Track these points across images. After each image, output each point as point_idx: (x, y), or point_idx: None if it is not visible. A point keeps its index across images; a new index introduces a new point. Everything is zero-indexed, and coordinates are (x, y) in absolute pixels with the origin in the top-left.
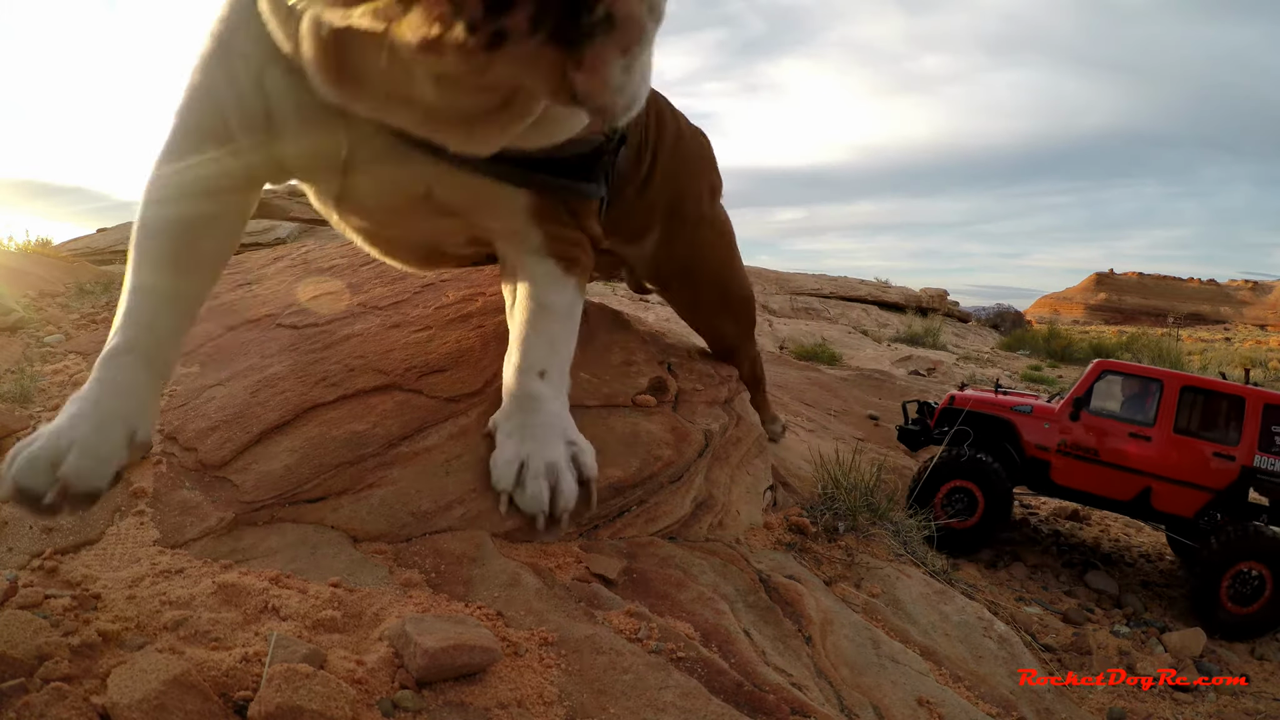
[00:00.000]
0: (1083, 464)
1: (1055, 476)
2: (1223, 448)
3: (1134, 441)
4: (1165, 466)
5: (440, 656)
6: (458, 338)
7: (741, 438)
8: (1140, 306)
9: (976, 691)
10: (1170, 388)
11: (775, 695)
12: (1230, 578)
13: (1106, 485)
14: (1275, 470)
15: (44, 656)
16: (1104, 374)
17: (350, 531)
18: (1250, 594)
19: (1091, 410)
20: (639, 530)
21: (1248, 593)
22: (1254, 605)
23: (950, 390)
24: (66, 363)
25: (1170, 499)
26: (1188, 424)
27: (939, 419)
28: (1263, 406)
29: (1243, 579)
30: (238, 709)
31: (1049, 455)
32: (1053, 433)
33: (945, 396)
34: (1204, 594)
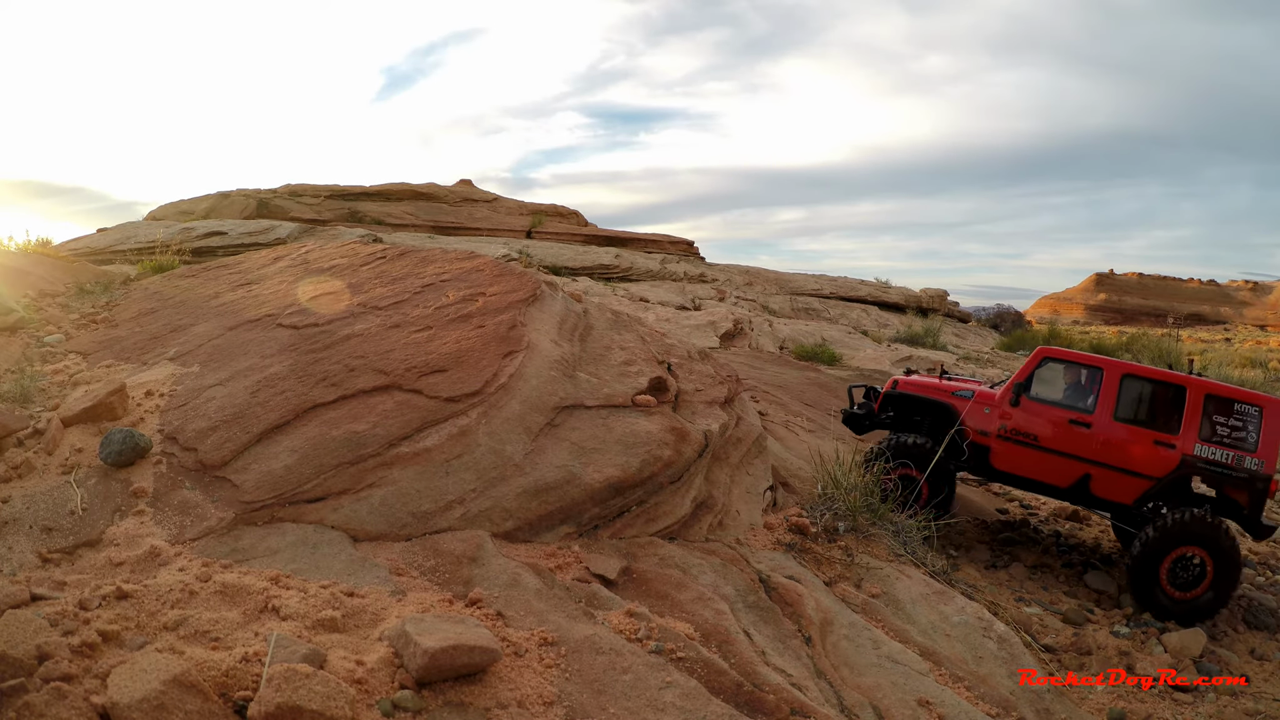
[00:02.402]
0: (1022, 449)
1: (995, 461)
2: (1164, 436)
3: (1074, 428)
4: (1105, 453)
5: (440, 656)
6: (458, 338)
7: (741, 438)
8: (1140, 307)
9: (976, 691)
10: (1111, 376)
11: (775, 695)
12: (1170, 562)
13: (1046, 471)
14: (1216, 459)
15: (44, 656)
16: (1045, 360)
17: (350, 531)
18: (1191, 580)
19: (1032, 396)
20: (639, 530)
21: (1188, 578)
22: (1195, 591)
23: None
24: (66, 363)
25: (1109, 486)
26: (1129, 412)
27: (882, 403)
28: (1204, 396)
29: (1184, 564)
30: (238, 709)
31: (989, 440)
32: (993, 418)
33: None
34: (1143, 578)
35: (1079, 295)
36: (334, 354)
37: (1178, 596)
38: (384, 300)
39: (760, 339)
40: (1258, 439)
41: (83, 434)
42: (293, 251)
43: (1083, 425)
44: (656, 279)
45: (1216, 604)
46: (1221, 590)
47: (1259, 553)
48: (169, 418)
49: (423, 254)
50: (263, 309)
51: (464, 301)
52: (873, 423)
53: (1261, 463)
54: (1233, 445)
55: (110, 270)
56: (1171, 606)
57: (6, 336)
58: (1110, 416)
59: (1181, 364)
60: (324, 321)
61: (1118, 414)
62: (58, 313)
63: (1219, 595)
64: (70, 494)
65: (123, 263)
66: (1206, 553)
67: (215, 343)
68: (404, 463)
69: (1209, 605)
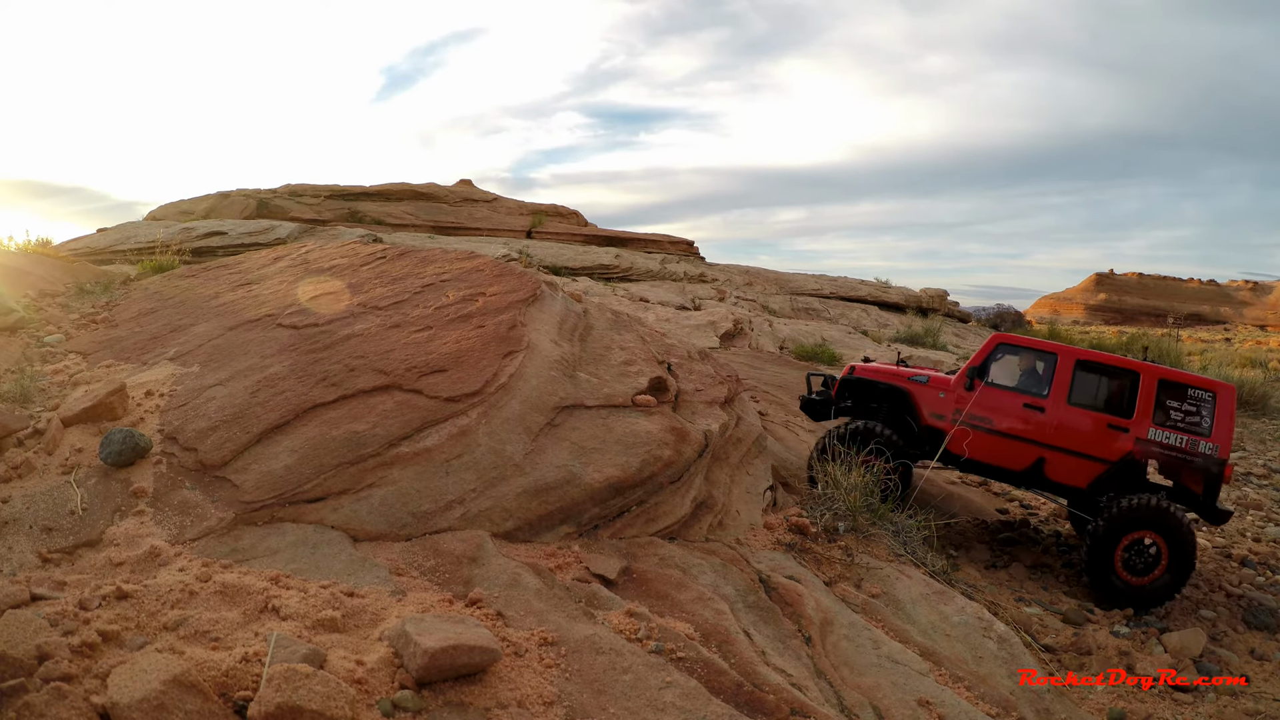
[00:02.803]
0: (977, 434)
1: (951, 446)
2: (1117, 420)
3: (1028, 412)
4: (1058, 437)
5: (440, 656)
6: (458, 338)
7: (741, 438)
8: (1140, 307)
9: (976, 691)
10: (1065, 361)
11: (775, 695)
12: (1124, 547)
13: (1000, 455)
14: (1170, 443)
15: (44, 656)
16: (999, 347)
17: (350, 531)
18: (1146, 565)
19: (987, 382)
20: (639, 530)
21: (1143, 564)
22: (1149, 576)
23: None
24: (66, 363)
25: (1063, 469)
26: (1082, 397)
27: (839, 390)
28: (1157, 382)
29: (1138, 549)
30: (238, 709)
31: (944, 425)
32: (948, 403)
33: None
34: (1098, 564)
35: (1079, 295)
36: (334, 354)
37: (1132, 582)
38: (384, 300)
39: (760, 339)
40: (1211, 424)
41: (83, 434)
42: (293, 251)
43: (1036, 409)
44: (656, 279)
45: (1171, 589)
46: (1176, 575)
47: (1259, 553)
48: (169, 418)
49: (423, 254)
50: (263, 309)
51: (464, 301)
52: (830, 410)
53: (1216, 447)
54: (1187, 430)
55: (110, 270)
56: (1126, 591)
57: (6, 336)
58: (1064, 401)
59: (1184, 364)
60: (324, 321)
61: (1071, 399)
62: (58, 313)
63: (1174, 580)
64: (70, 494)
65: (123, 263)
66: (1161, 537)
67: (215, 343)
68: (404, 463)
69: (1163, 590)
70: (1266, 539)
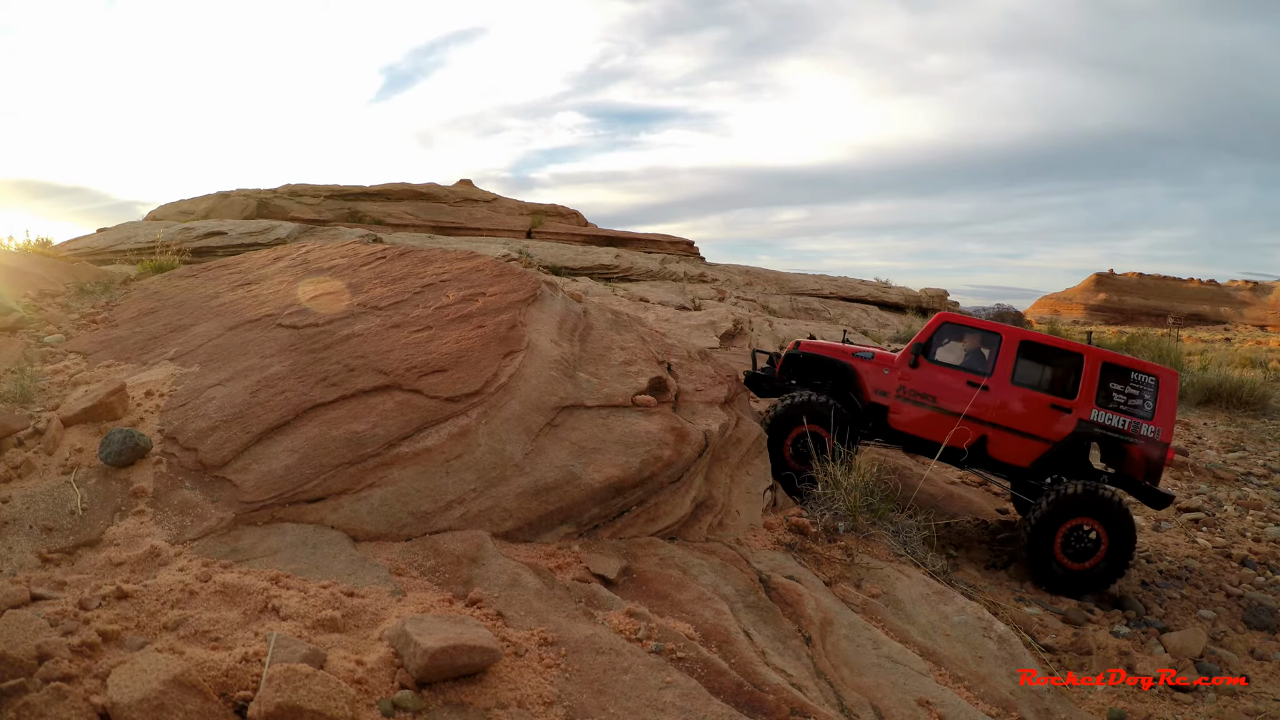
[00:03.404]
0: (920, 410)
1: (893, 421)
2: (1061, 400)
3: (971, 390)
4: (1001, 416)
5: (440, 656)
6: (458, 338)
7: (741, 438)
8: (1140, 307)
9: (976, 691)
10: (1009, 341)
11: (775, 695)
12: (1065, 533)
13: (943, 432)
14: (1113, 425)
15: (44, 656)
16: (944, 325)
17: (350, 531)
18: (1085, 550)
19: (931, 359)
20: (639, 530)
21: (1082, 549)
22: (1089, 561)
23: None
24: (66, 363)
25: (1006, 448)
26: (1026, 377)
27: (784, 365)
28: (1101, 364)
29: (1079, 535)
30: (238, 709)
31: (888, 400)
32: (892, 379)
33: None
34: (1038, 549)
35: (1079, 295)
36: (334, 354)
37: (1072, 567)
38: (384, 300)
39: (760, 339)
40: (1154, 408)
41: (83, 434)
42: (293, 251)
43: (980, 388)
44: (656, 279)
45: (1110, 575)
46: (1115, 561)
47: (1259, 553)
48: (169, 418)
49: (423, 254)
50: (263, 309)
51: (464, 301)
52: (774, 385)
53: (1158, 430)
54: (1129, 412)
55: (110, 270)
56: (1065, 577)
57: (6, 336)
58: (1008, 380)
59: (1184, 364)
60: (324, 321)
61: (1015, 378)
62: (58, 313)
63: (1112, 566)
64: (70, 494)
65: (123, 263)
66: (1100, 524)
67: (215, 343)
68: (404, 463)
69: (1102, 576)
70: (1266, 539)
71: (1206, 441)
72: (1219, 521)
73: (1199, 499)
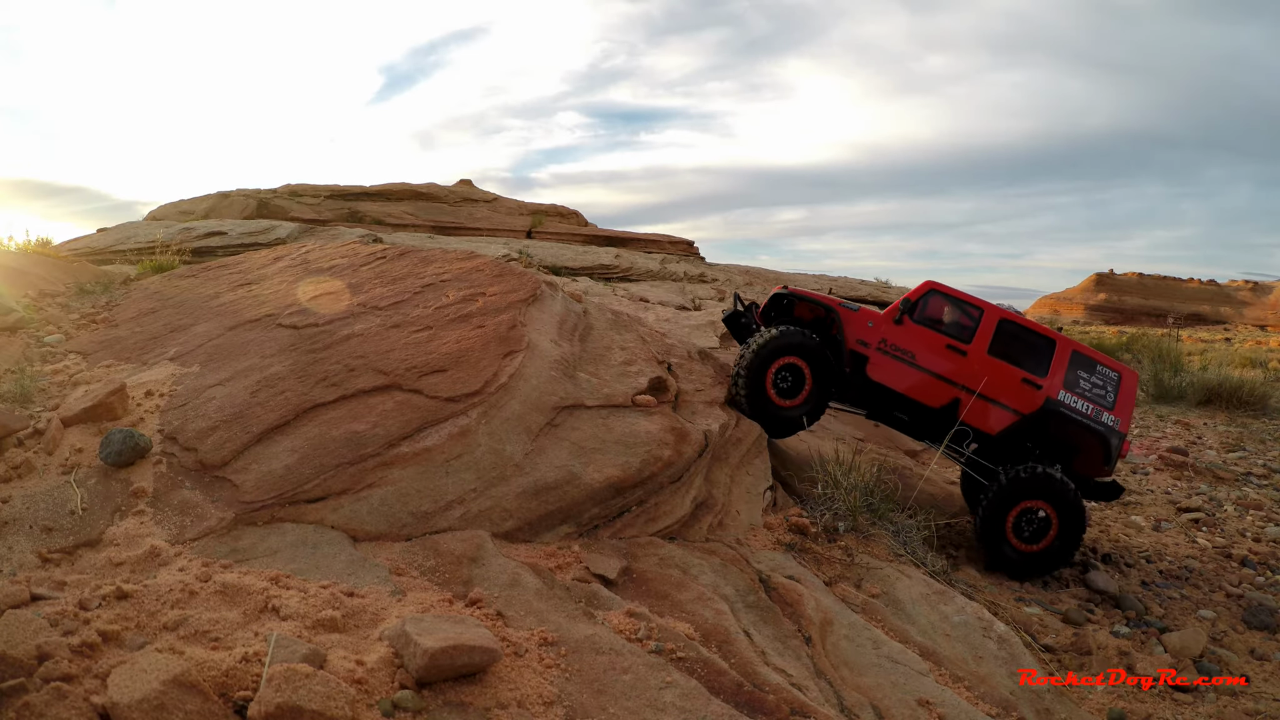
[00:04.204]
0: (899, 364)
1: (871, 371)
2: (1032, 376)
3: (950, 354)
4: (976, 381)
5: (440, 656)
6: (458, 338)
7: (741, 438)
8: (1140, 307)
9: (976, 691)
10: (990, 317)
11: (775, 695)
12: (1016, 515)
13: (918, 388)
14: (1077, 408)
15: (44, 656)
16: (932, 291)
17: (350, 531)
18: (1035, 533)
19: (915, 319)
20: (639, 530)
21: (1033, 532)
22: (1040, 544)
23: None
24: (66, 363)
25: (977, 413)
26: (1002, 351)
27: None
28: (1071, 352)
29: (1030, 517)
30: (238, 709)
31: (868, 351)
32: (876, 331)
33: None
34: (990, 530)
35: (1079, 295)
36: (334, 354)
37: (1022, 549)
38: (384, 300)
39: None
40: (1115, 400)
41: (83, 434)
42: (293, 251)
43: (959, 352)
44: (656, 279)
45: (1060, 558)
46: (1065, 544)
47: (1259, 553)
48: (169, 418)
49: (423, 254)
50: (263, 309)
51: (464, 301)
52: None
53: (1118, 420)
54: (1093, 400)
55: (110, 270)
56: (1016, 559)
57: (6, 336)
58: (985, 351)
59: (1182, 362)
60: (324, 321)
61: (992, 349)
62: (58, 313)
63: (1063, 549)
64: (70, 494)
65: (123, 263)
66: (1051, 507)
67: (215, 343)
68: (404, 463)
69: (1052, 558)
70: (1266, 539)
71: (1206, 441)
72: (1219, 521)
73: (1199, 499)
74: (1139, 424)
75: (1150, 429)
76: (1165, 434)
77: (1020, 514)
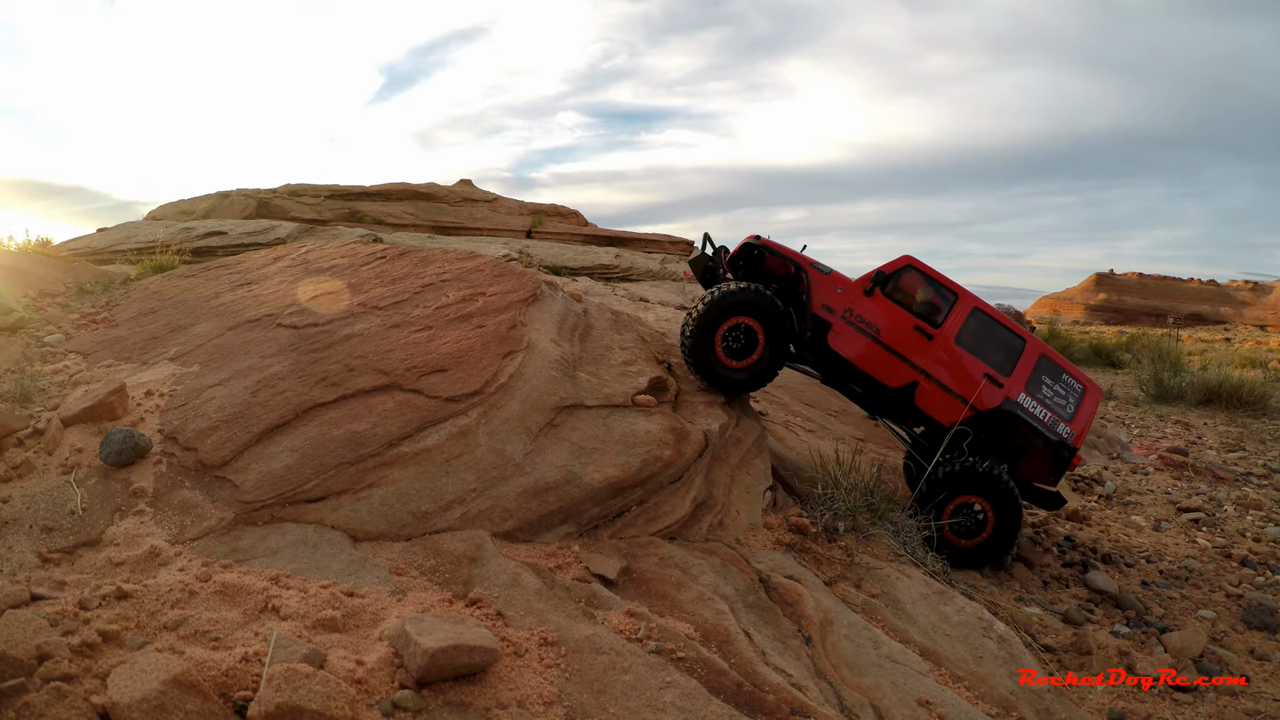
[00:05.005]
0: (862, 337)
1: (832, 340)
2: (995, 374)
3: (916, 335)
4: (937, 368)
5: (440, 656)
6: (458, 338)
7: (741, 438)
8: (1140, 307)
9: (976, 691)
10: (963, 305)
11: (775, 695)
12: (952, 510)
13: (878, 365)
14: (1033, 412)
15: (44, 656)
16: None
17: (350, 531)
18: (972, 528)
19: (886, 293)
20: (639, 530)
21: (970, 527)
22: (976, 539)
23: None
24: (66, 363)
25: (933, 400)
26: (970, 342)
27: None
28: (1040, 356)
29: (966, 512)
30: (238, 709)
31: (833, 318)
32: (843, 299)
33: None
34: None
35: (1079, 295)
36: (334, 354)
37: (957, 544)
38: (384, 300)
39: None
40: (1074, 413)
41: (83, 434)
42: (293, 251)
43: (925, 335)
44: (656, 279)
45: (991, 556)
46: (1001, 540)
47: (1259, 553)
48: (169, 418)
49: (423, 254)
50: (263, 309)
51: (464, 301)
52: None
53: (1073, 433)
54: (1052, 409)
55: (110, 270)
56: (951, 553)
57: (6, 336)
58: (953, 338)
59: (1182, 362)
60: (324, 321)
61: (959, 339)
62: (58, 313)
63: (998, 545)
64: (70, 494)
65: (123, 263)
66: (988, 502)
67: (215, 343)
68: (404, 463)
69: (986, 554)
70: (1266, 539)
71: (1206, 441)
72: (1219, 521)
73: (1199, 499)
74: (1139, 424)
75: (1150, 429)
76: (1165, 434)
77: (956, 509)
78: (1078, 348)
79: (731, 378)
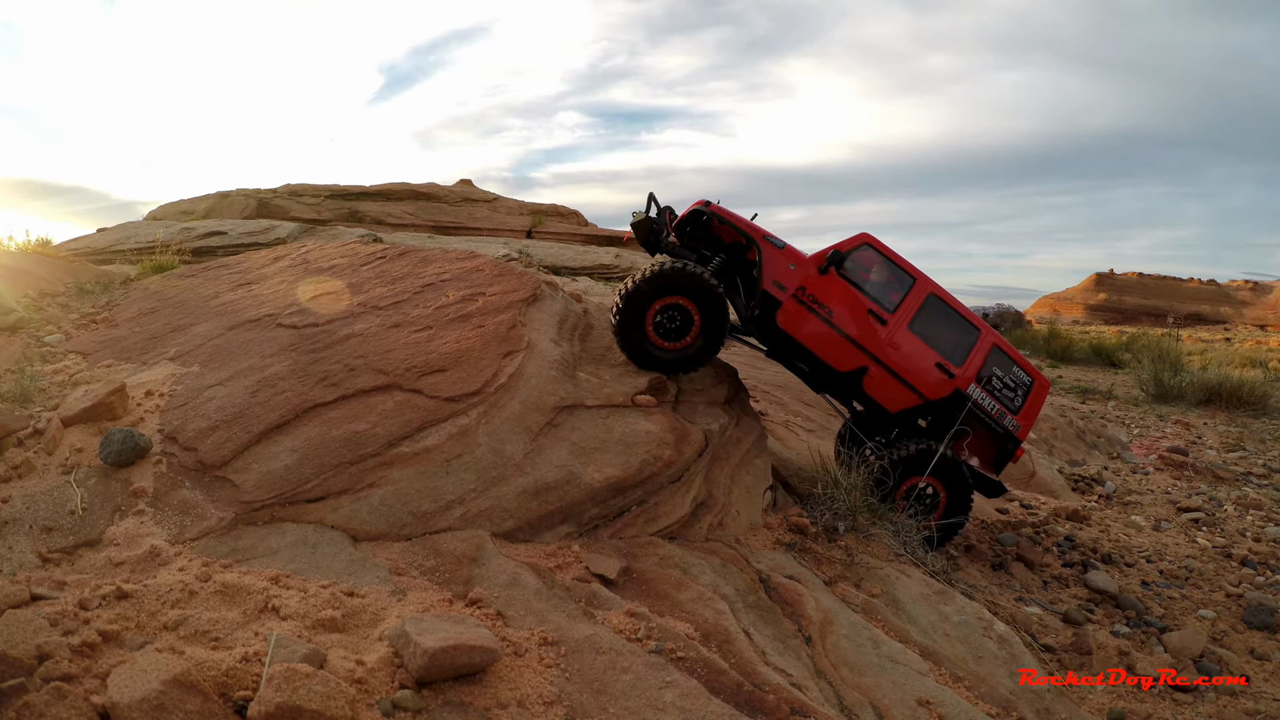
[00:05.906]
0: (813, 318)
1: (781, 319)
2: (947, 363)
3: (869, 319)
4: (888, 354)
5: (440, 656)
6: (458, 338)
7: (741, 438)
8: (1140, 306)
9: (976, 691)
10: (920, 289)
11: (775, 695)
12: (903, 493)
13: (827, 348)
14: (984, 405)
15: (44, 656)
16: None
17: (350, 531)
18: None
19: (841, 273)
20: (639, 530)
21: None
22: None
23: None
24: (66, 363)
25: (882, 387)
26: (924, 329)
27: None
28: (992, 346)
29: (918, 495)
30: (238, 709)
31: (783, 296)
32: (795, 276)
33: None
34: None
35: (1079, 295)
36: (334, 354)
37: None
38: (384, 300)
39: None
40: (1022, 405)
41: (83, 434)
42: (293, 251)
43: (879, 320)
44: None
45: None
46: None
47: (1259, 553)
48: (169, 418)
49: (423, 254)
50: (263, 309)
51: (464, 301)
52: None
53: (1019, 426)
54: (1001, 400)
55: (110, 270)
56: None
57: (6, 336)
58: (906, 324)
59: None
60: (324, 321)
61: (913, 326)
62: (58, 313)
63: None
64: (70, 494)
65: (123, 263)
66: (939, 483)
67: (215, 343)
68: (404, 463)
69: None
70: (1266, 539)
71: (1206, 441)
72: (1219, 521)
73: (1199, 499)
74: (1139, 424)
75: (1150, 429)
76: (1165, 434)
77: (907, 491)
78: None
79: (663, 358)
